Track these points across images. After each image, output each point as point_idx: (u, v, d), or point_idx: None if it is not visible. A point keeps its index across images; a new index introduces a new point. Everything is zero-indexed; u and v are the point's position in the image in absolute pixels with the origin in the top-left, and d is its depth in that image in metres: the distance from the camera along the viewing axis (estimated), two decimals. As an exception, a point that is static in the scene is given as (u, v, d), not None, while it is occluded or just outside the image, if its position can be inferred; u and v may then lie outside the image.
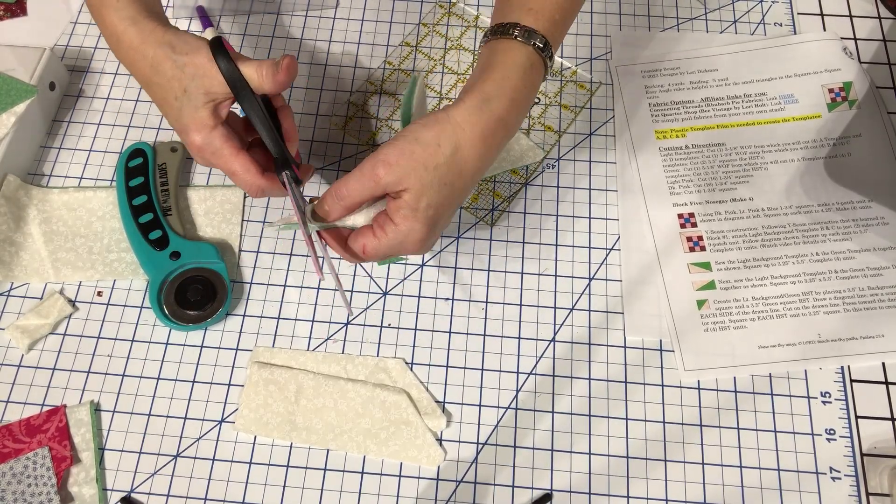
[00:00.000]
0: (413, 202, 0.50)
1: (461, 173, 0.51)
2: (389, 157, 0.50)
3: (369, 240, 0.52)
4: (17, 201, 0.67)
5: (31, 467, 0.58)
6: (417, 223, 0.51)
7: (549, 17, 0.54)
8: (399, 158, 0.50)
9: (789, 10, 0.80)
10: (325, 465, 0.60)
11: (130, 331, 0.64)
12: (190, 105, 0.54)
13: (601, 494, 0.59)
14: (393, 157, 0.50)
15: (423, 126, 0.51)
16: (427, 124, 0.51)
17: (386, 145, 0.50)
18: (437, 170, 0.50)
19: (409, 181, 0.50)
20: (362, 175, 0.50)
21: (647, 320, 0.65)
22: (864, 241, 0.67)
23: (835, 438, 0.61)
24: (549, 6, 0.54)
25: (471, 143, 0.51)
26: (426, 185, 0.50)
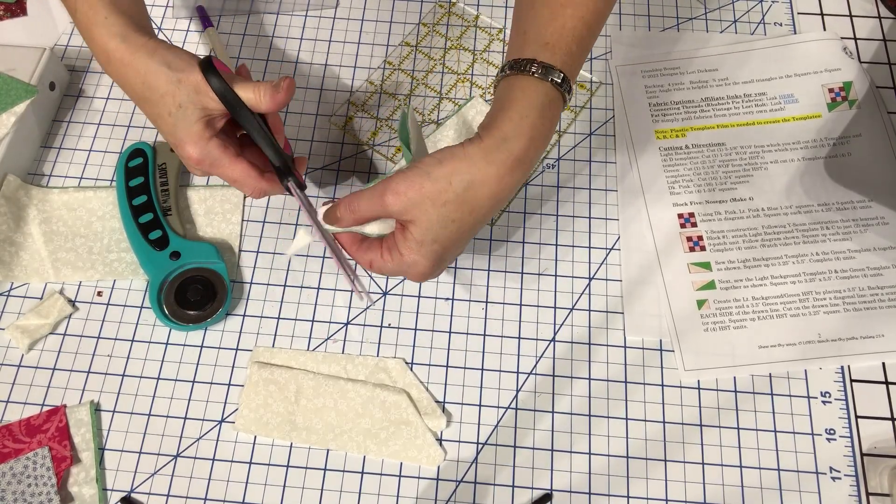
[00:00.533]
0: (419, 236, 0.51)
1: (472, 211, 0.51)
2: (399, 187, 0.50)
3: (376, 258, 0.54)
4: (17, 201, 0.67)
5: (31, 467, 0.58)
6: (422, 258, 0.52)
7: (565, 49, 0.53)
8: (408, 189, 0.50)
9: (789, 9, 0.80)
10: (325, 465, 0.60)
11: (130, 331, 0.64)
12: (185, 120, 0.54)
13: (601, 494, 0.59)
14: (402, 187, 0.50)
15: (438, 161, 0.50)
16: (442, 160, 0.50)
17: (399, 174, 0.51)
18: (446, 206, 0.50)
19: (415, 213, 0.50)
20: (372, 196, 0.52)
21: (647, 320, 0.65)
22: (864, 240, 0.67)
23: (835, 438, 0.61)
24: (565, 39, 0.53)
25: (484, 182, 0.50)
26: (433, 221, 0.50)
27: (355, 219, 0.54)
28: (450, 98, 0.75)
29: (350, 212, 0.53)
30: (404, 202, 0.50)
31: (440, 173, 0.50)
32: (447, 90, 0.75)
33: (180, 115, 0.54)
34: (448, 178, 0.50)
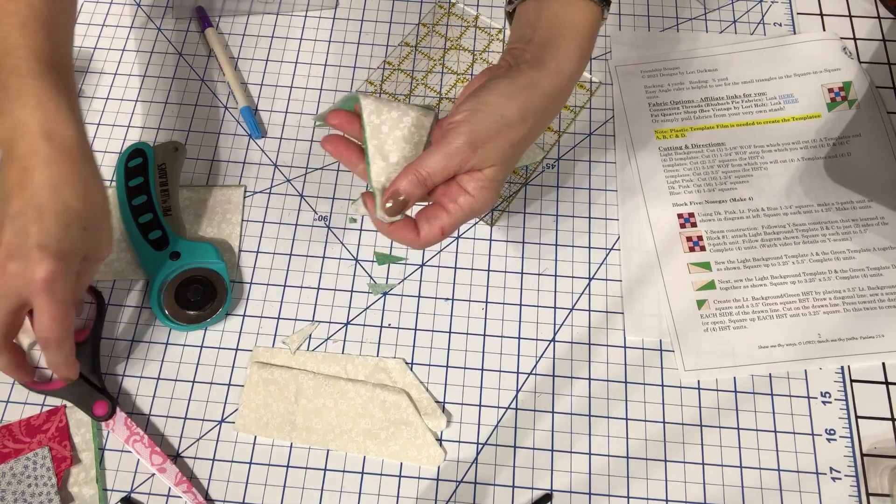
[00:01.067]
0: (494, 175, 0.49)
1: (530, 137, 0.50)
2: (480, 137, 0.48)
3: (444, 219, 0.50)
4: (17, 201, 0.67)
5: (31, 467, 0.58)
6: (493, 192, 0.50)
7: None
8: (488, 140, 0.48)
9: (789, 9, 0.80)
10: (325, 465, 0.60)
11: (130, 331, 0.64)
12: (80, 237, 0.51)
13: (601, 494, 0.59)
14: (483, 137, 0.48)
15: (509, 99, 0.48)
16: (513, 96, 0.48)
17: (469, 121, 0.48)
18: (519, 145, 0.49)
19: (495, 159, 0.48)
20: (449, 155, 0.48)
21: (647, 320, 0.65)
22: (864, 240, 0.67)
23: (835, 439, 0.61)
24: None
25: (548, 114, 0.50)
26: (508, 159, 0.49)
27: (427, 187, 0.49)
28: (450, 98, 0.75)
29: (420, 183, 0.49)
30: (488, 153, 0.48)
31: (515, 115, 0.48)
32: (447, 90, 0.75)
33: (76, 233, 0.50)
34: (522, 116, 0.48)
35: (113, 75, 0.76)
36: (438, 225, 0.50)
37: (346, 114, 0.53)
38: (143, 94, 0.75)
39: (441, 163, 0.48)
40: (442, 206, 0.50)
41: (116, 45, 0.78)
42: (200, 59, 0.77)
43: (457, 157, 0.48)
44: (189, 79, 0.76)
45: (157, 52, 0.77)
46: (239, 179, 0.71)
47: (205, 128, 0.73)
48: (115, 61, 0.77)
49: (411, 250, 0.68)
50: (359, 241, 0.68)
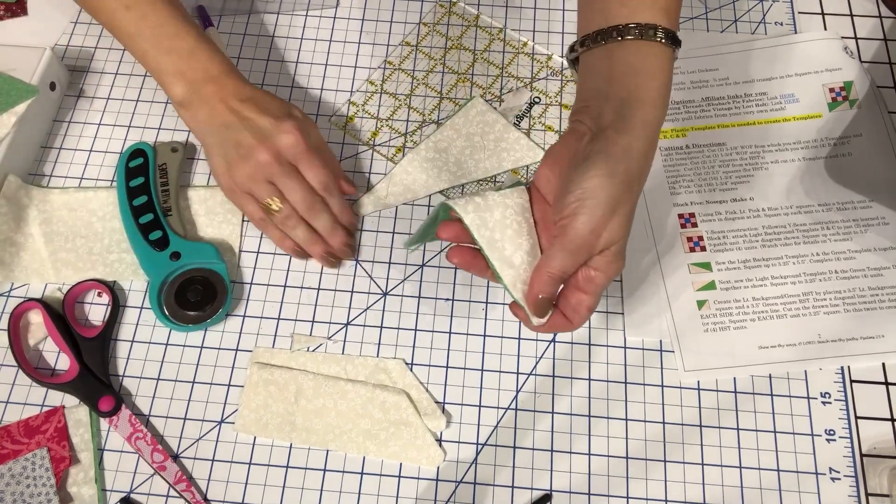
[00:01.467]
0: (619, 250, 0.49)
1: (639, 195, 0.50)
2: (598, 227, 0.47)
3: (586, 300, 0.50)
4: (18, 201, 0.67)
5: (29, 468, 0.58)
6: (621, 261, 0.49)
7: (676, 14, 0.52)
8: (607, 222, 0.47)
9: (790, 9, 0.79)
10: (324, 465, 0.60)
11: (130, 331, 0.64)
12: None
13: (601, 495, 0.59)
14: (600, 225, 0.47)
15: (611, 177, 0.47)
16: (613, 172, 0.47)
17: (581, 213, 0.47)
18: (631, 213, 0.49)
19: (617, 237, 0.48)
20: (575, 252, 0.48)
21: (647, 321, 0.65)
22: (865, 241, 0.67)
23: (834, 439, 0.61)
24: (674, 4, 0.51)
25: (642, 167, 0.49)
26: (627, 229, 0.49)
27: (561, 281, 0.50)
28: (450, 98, 0.75)
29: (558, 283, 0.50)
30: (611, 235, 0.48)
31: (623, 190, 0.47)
32: (447, 90, 0.75)
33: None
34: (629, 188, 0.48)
35: (113, 75, 0.76)
36: (585, 307, 0.50)
37: (453, 225, 0.52)
38: (143, 94, 0.75)
39: (569, 259, 0.48)
40: (579, 289, 0.50)
41: (116, 45, 0.78)
42: (201, 59, 0.77)
43: (583, 250, 0.48)
44: (189, 79, 0.76)
45: (158, 52, 0.77)
46: (239, 179, 0.71)
47: (205, 128, 0.73)
48: (115, 61, 0.77)
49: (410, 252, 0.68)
50: (359, 241, 0.68)
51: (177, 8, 0.64)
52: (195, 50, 0.63)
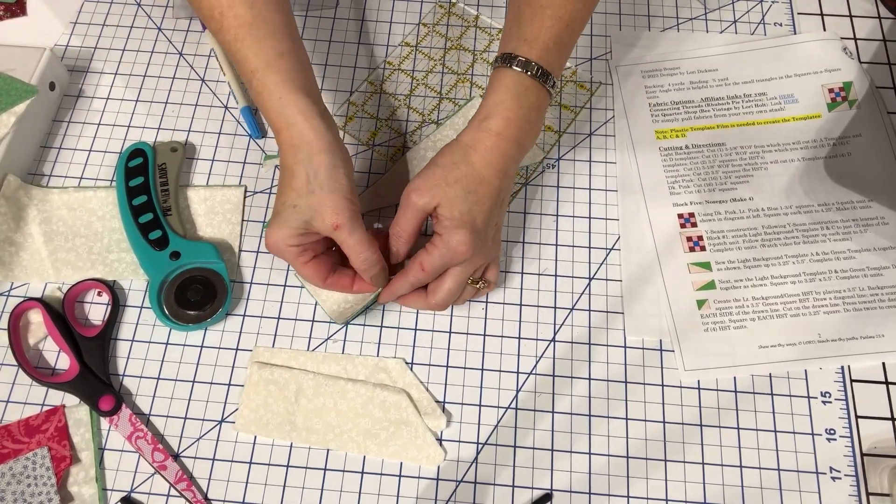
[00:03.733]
0: (447, 213, 0.57)
1: (480, 182, 0.58)
2: (417, 184, 0.58)
3: (423, 256, 0.59)
4: (17, 201, 0.67)
5: (30, 467, 0.58)
6: (458, 229, 0.57)
7: (542, 45, 0.59)
8: (424, 183, 0.58)
9: (789, 9, 0.80)
10: (325, 465, 0.60)
11: (130, 331, 0.64)
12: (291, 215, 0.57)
13: (601, 494, 0.59)
14: (418, 183, 0.58)
15: (440, 154, 0.59)
16: (443, 151, 0.59)
17: (415, 176, 0.59)
18: (458, 182, 0.57)
19: (437, 198, 0.57)
20: (403, 208, 0.59)
21: (647, 320, 0.65)
22: (864, 240, 0.67)
23: (835, 438, 0.61)
24: (542, 36, 0.59)
25: (479, 156, 0.58)
26: (452, 197, 0.57)
27: (405, 241, 0.60)
28: (450, 98, 0.75)
29: (397, 238, 0.60)
30: (426, 194, 0.57)
31: (443, 160, 0.58)
32: (447, 90, 0.75)
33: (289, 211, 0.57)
34: (451, 160, 0.58)
35: (113, 75, 0.76)
36: (419, 261, 0.59)
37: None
38: (143, 94, 0.75)
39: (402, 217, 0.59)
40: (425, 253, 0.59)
41: (116, 45, 0.78)
42: (200, 59, 0.77)
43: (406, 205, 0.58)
44: (189, 79, 0.76)
45: (158, 52, 0.77)
46: (239, 179, 0.71)
47: (205, 128, 0.73)
48: (115, 61, 0.77)
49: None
50: (359, 240, 0.68)
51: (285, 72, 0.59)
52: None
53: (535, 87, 0.59)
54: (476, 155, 0.58)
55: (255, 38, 0.58)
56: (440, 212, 0.57)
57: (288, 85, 0.57)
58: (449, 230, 0.57)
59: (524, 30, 0.60)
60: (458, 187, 0.57)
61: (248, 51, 0.58)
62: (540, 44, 0.59)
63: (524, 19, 0.60)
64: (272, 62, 0.58)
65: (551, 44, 0.60)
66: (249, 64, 0.58)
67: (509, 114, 0.58)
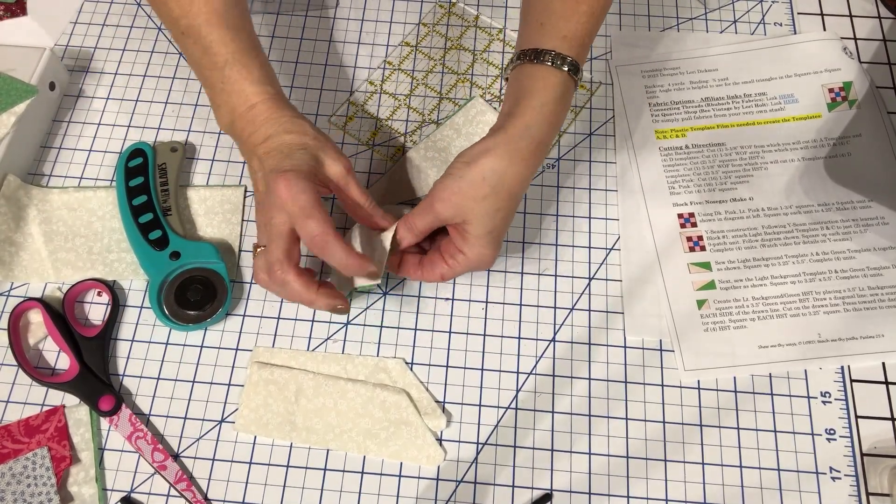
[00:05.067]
0: (475, 231, 0.56)
1: (509, 196, 0.56)
2: (443, 195, 0.56)
3: (444, 270, 0.59)
4: (17, 201, 0.67)
5: (30, 467, 0.58)
6: (485, 248, 0.57)
7: (580, 42, 0.58)
8: (451, 196, 0.56)
9: (789, 9, 0.80)
10: (325, 465, 0.60)
11: (130, 330, 0.64)
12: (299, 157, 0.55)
13: (601, 494, 0.59)
14: (445, 194, 0.56)
15: (467, 164, 0.56)
16: (470, 161, 0.56)
17: (439, 183, 0.57)
18: (486, 200, 0.55)
19: (465, 214, 0.56)
20: (424, 210, 0.58)
21: (647, 320, 0.65)
22: (864, 240, 0.67)
23: (835, 438, 0.61)
24: (580, 33, 0.58)
25: (514, 171, 0.56)
26: (481, 215, 0.56)
27: (415, 235, 0.59)
28: (450, 98, 0.75)
29: (408, 230, 0.59)
30: (451, 207, 0.56)
31: (473, 175, 0.55)
32: (447, 90, 0.75)
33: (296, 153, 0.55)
34: (480, 176, 0.55)
35: (113, 75, 0.76)
36: (438, 272, 0.59)
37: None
38: (143, 94, 0.75)
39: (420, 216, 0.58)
40: (443, 259, 0.59)
41: (116, 44, 0.78)
42: (200, 59, 0.77)
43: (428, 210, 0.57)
44: (189, 79, 0.76)
45: (158, 52, 0.77)
46: (239, 179, 0.71)
47: (205, 128, 0.73)
48: (114, 61, 0.77)
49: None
50: (359, 240, 0.68)
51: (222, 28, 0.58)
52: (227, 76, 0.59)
53: (572, 86, 0.58)
54: (511, 170, 0.55)
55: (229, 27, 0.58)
56: (467, 228, 0.56)
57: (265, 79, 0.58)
58: (475, 247, 0.57)
59: (562, 25, 0.58)
60: (488, 204, 0.56)
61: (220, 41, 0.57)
62: (578, 41, 0.58)
63: (559, 14, 0.58)
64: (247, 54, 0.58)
65: (587, 40, 0.59)
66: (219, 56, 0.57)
67: (554, 119, 0.57)
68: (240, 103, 0.58)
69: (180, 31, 0.59)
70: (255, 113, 0.57)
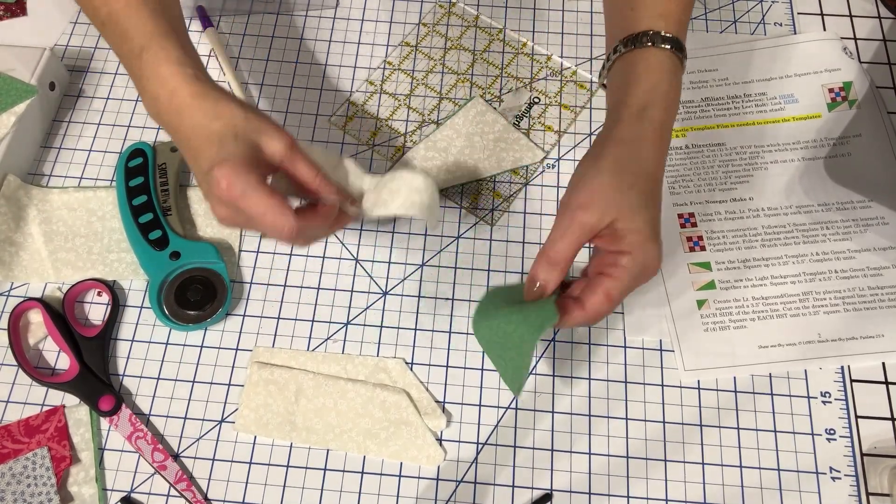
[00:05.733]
0: (631, 226, 0.49)
1: (652, 180, 0.51)
2: (581, 199, 0.49)
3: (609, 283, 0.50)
4: (17, 201, 0.67)
5: (30, 467, 0.58)
6: (648, 243, 0.49)
7: (678, 19, 0.54)
8: (591, 197, 0.49)
9: (789, 9, 0.80)
10: (325, 465, 0.60)
11: (130, 331, 0.64)
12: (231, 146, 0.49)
13: (601, 494, 0.59)
14: (584, 197, 0.49)
15: (595, 158, 0.51)
16: (598, 155, 0.51)
17: (571, 190, 0.51)
18: (633, 188, 0.49)
19: (614, 211, 0.49)
20: (564, 229, 0.50)
21: (647, 320, 0.65)
22: (864, 240, 0.67)
23: (835, 438, 0.61)
24: (675, 10, 0.54)
25: (647, 153, 0.51)
26: (633, 207, 0.49)
27: (562, 269, 0.50)
28: (450, 98, 0.75)
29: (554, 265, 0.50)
30: (597, 209, 0.49)
31: (607, 166, 0.50)
32: (447, 90, 0.75)
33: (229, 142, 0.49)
34: (617, 164, 0.50)
35: (113, 75, 0.76)
36: (601, 293, 0.50)
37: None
38: (143, 93, 0.75)
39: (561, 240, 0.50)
40: (602, 276, 0.50)
41: (116, 45, 0.78)
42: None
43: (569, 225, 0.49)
44: (189, 79, 0.76)
45: (158, 52, 0.77)
46: (239, 179, 0.71)
47: (205, 128, 0.73)
48: (115, 61, 0.77)
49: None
50: (359, 240, 0.68)
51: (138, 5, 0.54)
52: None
53: (679, 64, 0.54)
54: (645, 151, 0.50)
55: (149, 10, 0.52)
56: (620, 226, 0.49)
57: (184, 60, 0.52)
58: (638, 246, 0.49)
59: (656, 5, 0.54)
60: (635, 193, 0.49)
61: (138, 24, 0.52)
62: (675, 18, 0.54)
63: None
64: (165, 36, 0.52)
65: (683, 17, 0.55)
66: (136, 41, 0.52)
67: (668, 100, 0.52)
68: (161, 91, 0.51)
69: (101, 21, 0.54)
70: (179, 101, 0.51)
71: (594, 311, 0.50)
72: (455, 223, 0.69)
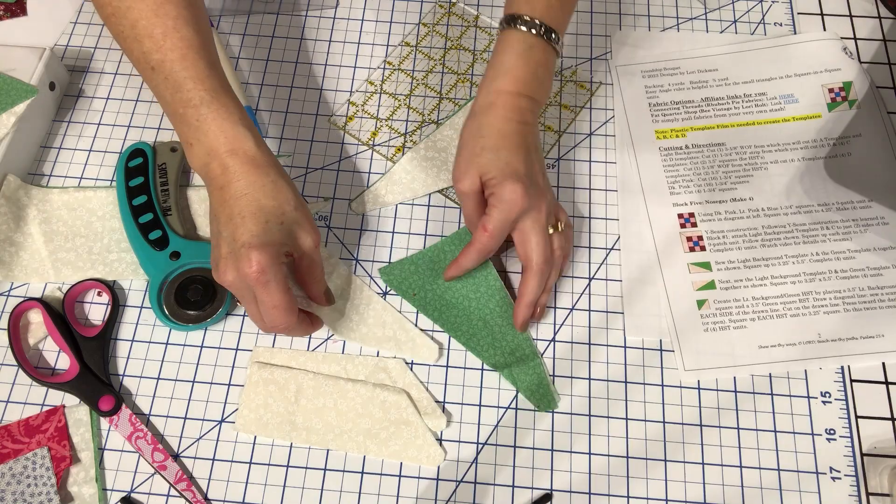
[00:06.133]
0: (488, 175, 0.58)
1: (504, 136, 0.59)
2: (455, 173, 0.61)
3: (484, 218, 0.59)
4: (17, 201, 0.67)
5: (30, 467, 0.58)
6: (505, 182, 0.58)
7: (545, 4, 0.61)
8: (458, 168, 0.60)
9: (789, 9, 0.80)
10: (325, 465, 0.60)
11: (130, 331, 0.64)
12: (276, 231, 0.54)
13: (601, 494, 0.59)
14: (456, 171, 0.61)
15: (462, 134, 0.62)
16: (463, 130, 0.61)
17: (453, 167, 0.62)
18: (485, 149, 0.59)
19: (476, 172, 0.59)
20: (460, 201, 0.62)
21: (647, 320, 0.65)
22: (864, 240, 0.67)
23: (835, 438, 0.61)
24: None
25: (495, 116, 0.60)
26: (486, 162, 0.59)
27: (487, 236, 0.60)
28: (450, 98, 0.75)
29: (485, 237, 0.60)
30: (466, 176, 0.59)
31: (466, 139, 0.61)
32: (447, 90, 0.75)
33: (274, 227, 0.54)
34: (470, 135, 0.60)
35: (113, 75, 0.76)
36: (481, 225, 0.60)
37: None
38: (143, 94, 0.75)
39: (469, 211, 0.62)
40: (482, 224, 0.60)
41: (116, 45, 0.77)
42: (200, 59, 0.77)
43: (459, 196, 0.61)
44: (189, 79, 0.76)
45: (158, 52, 0.77)
46: (239, 179, 0.71)
47: (205, 128, 0.73)
48: (115, 61, 0.77)
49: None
50: (359, 240, 0.68)
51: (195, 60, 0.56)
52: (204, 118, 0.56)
53: (540, 44, 0.61)
54: (492, 116, 0.60)
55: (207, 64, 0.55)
56: (484, 179, 0.59)
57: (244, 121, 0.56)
58: (498, 187, 0.58)
59: None
60: (488, 152, 0.59)
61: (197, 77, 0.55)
62: (542, 2, 0.61)
63: None
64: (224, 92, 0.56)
65: (554, 1, 0.61)
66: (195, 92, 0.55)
67: (516, 72, 0.60)
68: (219, 145, 0.54)
69: (150, 67, 0.55)
70: (238, 162, 0.54)
71: (479, 242, 0.60)
72: (454, 223, 0.69)
